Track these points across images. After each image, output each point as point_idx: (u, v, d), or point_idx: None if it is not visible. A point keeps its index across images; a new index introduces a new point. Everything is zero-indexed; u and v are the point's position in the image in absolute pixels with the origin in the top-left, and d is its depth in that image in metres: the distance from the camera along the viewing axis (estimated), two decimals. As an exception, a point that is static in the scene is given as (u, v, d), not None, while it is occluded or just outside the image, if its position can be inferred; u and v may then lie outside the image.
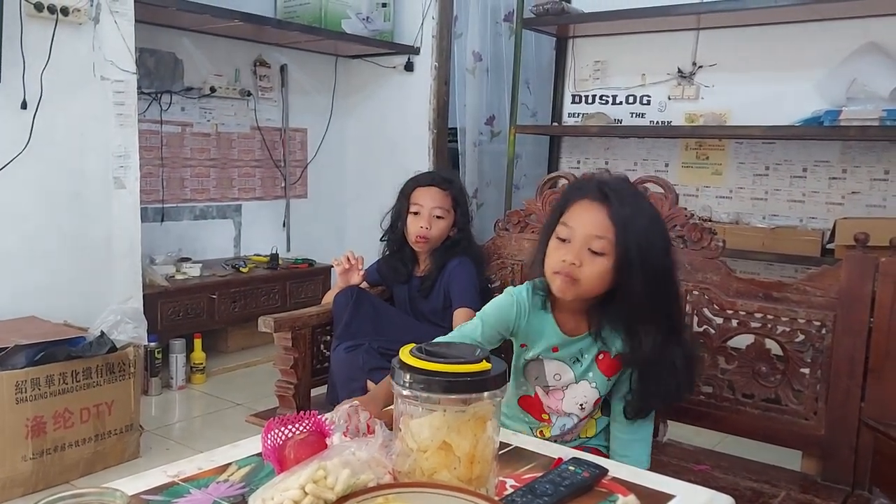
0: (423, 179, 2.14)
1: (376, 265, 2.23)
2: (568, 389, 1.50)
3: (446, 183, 2.13)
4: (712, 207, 3.67)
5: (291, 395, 1.93)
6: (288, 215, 4.54)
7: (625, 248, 1.30)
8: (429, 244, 2.10)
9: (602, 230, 1.31)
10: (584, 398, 1.49)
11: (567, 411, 1.51)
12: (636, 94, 3.88)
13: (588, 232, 1.32)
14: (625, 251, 1.30)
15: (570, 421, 1.52)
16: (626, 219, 1.30)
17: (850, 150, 3.35)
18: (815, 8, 3.16)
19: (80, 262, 2.92)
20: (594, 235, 1.32)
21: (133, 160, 3.02)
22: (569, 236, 1.34)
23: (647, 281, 1.31)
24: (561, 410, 1.51)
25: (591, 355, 1.46)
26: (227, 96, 4.10)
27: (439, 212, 2.08)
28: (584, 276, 1.33)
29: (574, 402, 1.50)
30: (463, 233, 2.13)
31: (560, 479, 1.01)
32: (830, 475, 1.60)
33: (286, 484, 0.86)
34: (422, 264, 2.16)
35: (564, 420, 1.52)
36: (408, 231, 2.11)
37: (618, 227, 1.30)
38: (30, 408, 2.38)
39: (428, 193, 2.10)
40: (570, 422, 1.53)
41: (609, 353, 1.46)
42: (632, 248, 1.30)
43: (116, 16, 2.89)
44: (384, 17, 4.31)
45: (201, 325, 3.66)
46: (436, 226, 2.08)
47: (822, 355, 1.61)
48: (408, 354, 0.95)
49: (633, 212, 1.32)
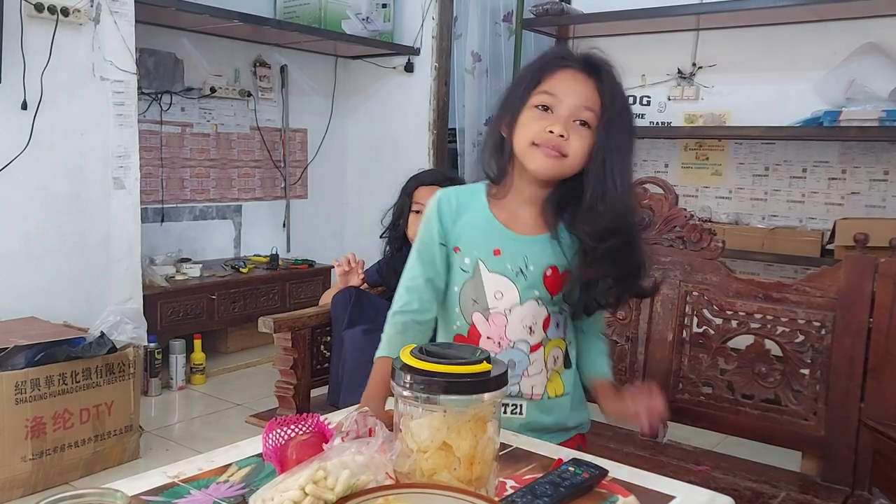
0: (427, 178, 2.13)
1: (377, 266, 2.23)
2: (512, 313, 1.28)
3: (449, 182, 2.12)
4: (712, 208, 3.67)
5: (291, 396, 1.93)
6: (288, 216, 4.54)
7: (607, 126, 1.21)
8: None
9: (591, 102, 1.21)
10: (532, 319, 1.29)
11: (513, 339, 1.29)
12: (636, 95, 3.88)
13: (577, 102, 1.20)
14: (607, 130, 1.21)
15: (519, 354, 1.29)
16: (612, 95, 1.22)
17: (849, 150, 3.36)
18: (815, 8, 3.16)
19: (80, 263, 2.92)
20: (584, 106, 1.20)
21: (133, 160, 3.02)
22: (553, 105, 1.22)
23: (616, 162, 1.22)
24: (505, 340, 1.29)
25: (538, 267, 1.27)
26: (226, 97, 4.11)
27: None
28: (571, 150, 1.20)
29: (521, 325, 1.28)
30: None
31: (560, 480, 1.01)
32: (830, 476, 1.60)
33: (286, 485, 0.86)
34: None
35: (511, 354, 1.29)
36: (409, 230, 2.10)
37: (604, 103, 1.21)
38: (29, 408, 2.38)
39: (430, 192, 2.07)
40: (519, 356, 1.29)
41: (558, 269, 1.27)
42: (613, 127, 1.21)
43: (116, 16, 2.89)
44: (384, 18, 4.31)
45: (201, 325, 3.66)
46: None
47: (821, 356, 1.61)
48: (408, 355, 0.95)
49: (617, 90, 1.24)
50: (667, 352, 1.77)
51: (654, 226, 1.79)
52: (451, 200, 1.31)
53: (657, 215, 1.78)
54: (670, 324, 1.77)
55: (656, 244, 1.79)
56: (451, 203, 1.31)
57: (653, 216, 1.79)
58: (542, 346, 1.31)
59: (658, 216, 1.78)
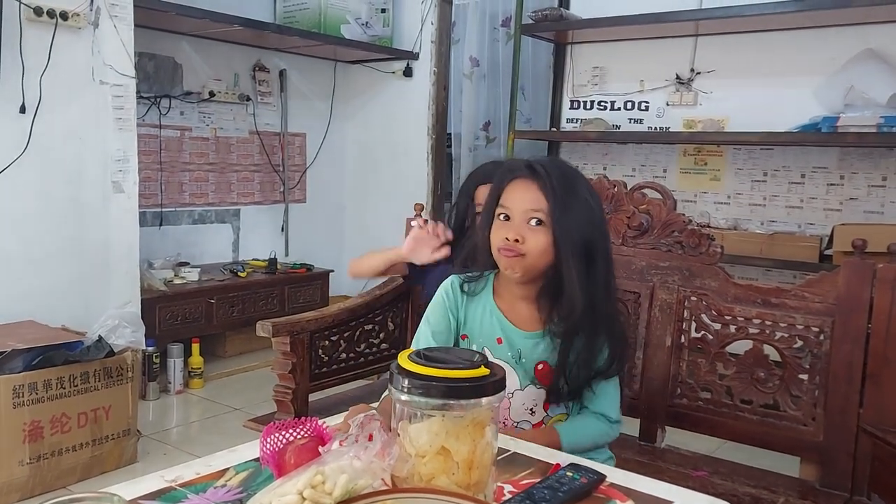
0: (482, 174, 1.88)
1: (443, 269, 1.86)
2: (514, 397, 1.40)
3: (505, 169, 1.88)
4: (710, 213, 3.68)
5: (289, 400, 1.93)
6: (286, 220, 4.54)
7: (559, 220, 1.31)
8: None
9: (536, 203, 1.33)
10: (533, 402, 1.40)
11: (516, 420, 1.41)
12: (634, 100, 3.89)
13: (524, 207, 1.34)
14: (559, 223, 1.31)
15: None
16: (556, 190, 1.32)
17: (847, 156, 3.36)
18: (813, 15, 3.17)
19: (79, 267, 2.91)
20: (530, 209, 1.33)
21: (132, 164, 3.02)
22: (510, 213, 1.36)
23: (579, 253, 1.32)
24: (510, 420, 1.41)
25: (531, 361, 1.39)
26: (226, 101, 4.11)
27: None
28: (528, 249, 1.32)
29: (523, 407, 1.41)
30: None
31: (558, 485, 1.01)
32: (829, 481, 1.60)
33: (284, 489, 0.85)
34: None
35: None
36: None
37: (550, 200, 1.32)
38: (27, 412, 2.37)
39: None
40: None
41: (549, 364, 1.39)
42: (565, 221, 1.31)
43: (116, 20, 2.89)
44: (383, 23, 4.32)
45: (199, 329, 3.66)
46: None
47: (820, 361, 1.61)
48: (406, 359, 0.95)
49: (563, 184, 1.33)
50: (665, 357, 1.77)
51: (652, 231, 1.79)
52: (459, 290, 1.45)
53: (656, 220, 1.79)
54: (669, 329, 1.77)
55: (654, 249, 1.79)
56: (458, 293, 1.45)
57: (651, 221, 1.79)
58: (544, 424, 1.42)
59: (656, 221, 1.78)
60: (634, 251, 1.81)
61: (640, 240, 1.80)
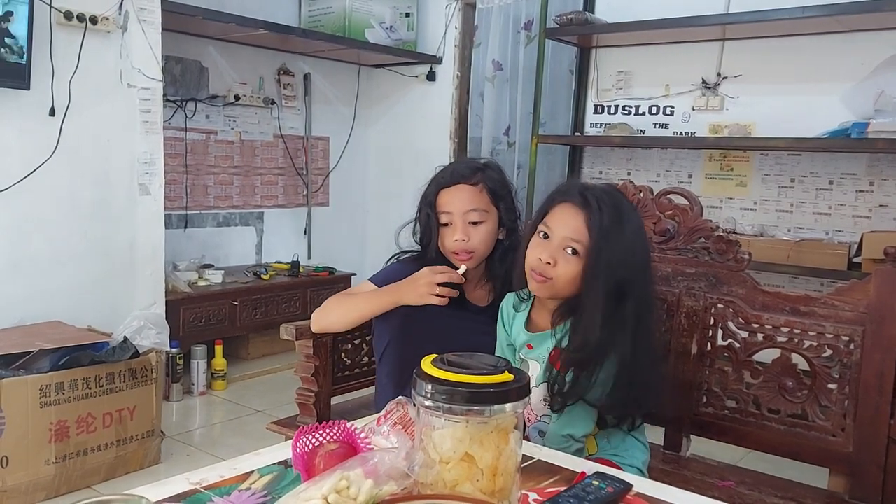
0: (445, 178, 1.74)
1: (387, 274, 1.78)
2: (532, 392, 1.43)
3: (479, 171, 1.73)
4: (736, 219, 3.63)
5: (312, 404, 1.93)
6: (309, 223, 4.56)
7: (596, 256, 1.32)
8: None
9: (578, 234, 1.34)
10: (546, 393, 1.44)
11: (538, 414, 1.46)
12: (660, 105, 3.85)
13: (565, 234, 1.36)
14: (595, 260, 1.32)
15: (546, 427, 1.45)
16: (602, 228, 1.32)
17: (877, 162, 3.31)
18: (842, 19, 3.12)
19: (105, 268, 2.95)
20: (570, 237, 1.35)
21: (158, 167, 3.05)
22: (550, 234, 1.38)
23: (609, 291, 1.33)
24: (533, 416, 1.46)
25: (546, 351, 1.45)
26: (251, 104, 4.14)
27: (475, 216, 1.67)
28: (557, 275, 1.36)
29: (542, 403, 1.44)
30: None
31: (584, 494, 1.00)
32: (858, 493, 1.57)
33: (308, 493, 0.85)
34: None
35: (539, 426, 1.46)
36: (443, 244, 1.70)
37: (592, 235, 1.33)
38: (53, 412, 2.40)
39: (457, 195, 1.70)
40: (545, 427, 1.45)
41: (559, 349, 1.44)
42: (602, 258, 1.32)
43: (144, 24, 2.92)
44: (407, 27, 4.33)
45: (223, 331, 3.68)
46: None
47: (850, 371, 1.58)
48: (430, 365, 0.95)
49: (612, 222, 1.33)
50: (691, 364, 1.75)
51: (678, 237, 1.77)
52: (508, 306, 1.56)
53: (682, 226, 1.77)
54: (695, 336, 1.74)
55: (680, 255, 1.77)
56: (508, 309, 1.56)
57: (677, 227, 1.77)
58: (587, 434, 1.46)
59: (683, 227, 1.76)
60: (660, 257, 1.79)
61: (666, 246, 1.78)
